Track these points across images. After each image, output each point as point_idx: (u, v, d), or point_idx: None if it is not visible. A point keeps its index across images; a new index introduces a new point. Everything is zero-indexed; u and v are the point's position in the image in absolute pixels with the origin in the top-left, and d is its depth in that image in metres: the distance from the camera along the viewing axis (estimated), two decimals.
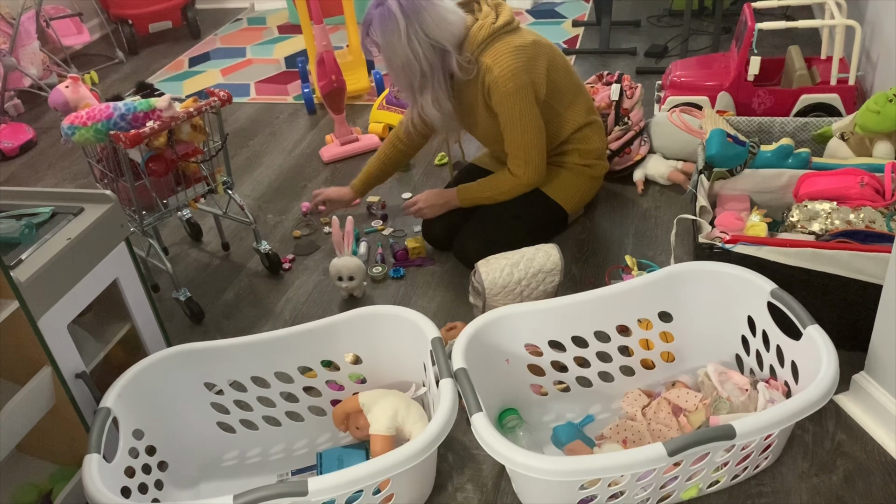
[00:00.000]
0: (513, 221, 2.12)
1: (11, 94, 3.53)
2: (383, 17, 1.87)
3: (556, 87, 2.06)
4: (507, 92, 1.94)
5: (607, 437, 1.56)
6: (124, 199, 1.93)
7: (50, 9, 3.84)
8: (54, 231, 1.49)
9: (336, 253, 2.08)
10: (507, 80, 1.93)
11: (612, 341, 1.65)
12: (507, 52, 1.94)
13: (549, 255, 1.88)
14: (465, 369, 1.43)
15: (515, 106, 1.96)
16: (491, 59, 1.94)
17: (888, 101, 1.90)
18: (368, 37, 1.95)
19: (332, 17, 3.27)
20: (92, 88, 2.02)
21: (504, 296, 1.87)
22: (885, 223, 1.68)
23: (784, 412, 1.29)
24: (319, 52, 2.71)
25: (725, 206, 1.92)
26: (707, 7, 3.79)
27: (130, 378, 1.51)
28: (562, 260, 1.89)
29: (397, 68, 1.96)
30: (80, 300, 1.51)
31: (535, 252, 1.90)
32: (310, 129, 3.12)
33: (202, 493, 1.58)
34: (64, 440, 1.49)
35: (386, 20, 1.87)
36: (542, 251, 1.90)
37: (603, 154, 2.24)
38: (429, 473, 1.51)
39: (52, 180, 2.95)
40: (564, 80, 2.09)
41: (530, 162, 2.04)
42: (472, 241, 2.11)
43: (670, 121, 2.16)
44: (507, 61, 1.93)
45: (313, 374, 1.66)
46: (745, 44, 2.46)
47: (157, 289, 2.22)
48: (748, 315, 1.59)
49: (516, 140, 2.02)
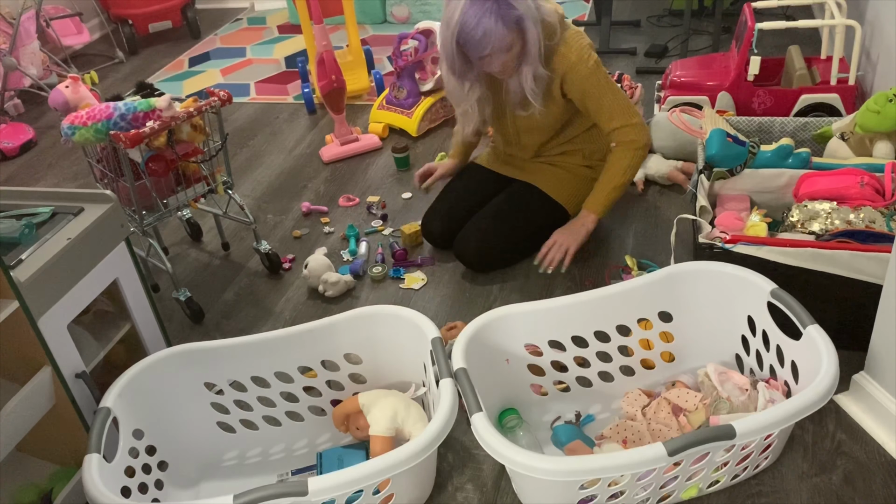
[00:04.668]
0: (513, 222, 2.12)
1: (11, 94, 3.53)
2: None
3: None
4: (591, 69, 1.93)
5: (607, 437, 1.56)
6: (124, 199, 1.93)
7: (50, 9, 3.84)
8: (54, 231, 1.49)
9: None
10: (588, 58, 1.92)
11: (612, 341, 1.65)
12: (578, 36, 1.94)
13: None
14: (465, 369, 1.43)
15: (602, 77, 1.95)
16: (565, 47, 1.92)
17: (888, 101, 1.90)
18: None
19: (332, 17, 3.26)
20: (92, 88, 2.02)
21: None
22: (885, 223, 1.68)
23: (784, 412, 1.29)
24: (319, 52, 2.71)
25: (725, 206, 1.92)
26: (707, 7, 3.79)
27: (130, 378, 1.51)
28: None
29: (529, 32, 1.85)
30: (80, 300, 1.51)
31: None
32: (310, 129, 3.12)
33: (202, 493, 1.58)
34: (64, 440, 1.49)
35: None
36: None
37: (607, 156, 2.19)
38: (429, 473, 1.51)
39: (52, 180, 2.95)
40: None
41: (637, 120, 2.00)
42: (473, 242, 2.11)
43: (670, 121, 2.15)
44: (579, 42, 1.93)
45: (313, 374, 1.66)
46: (745, 44, 2.46)
47: (157, 289, 2.22)
48: (748, 315, 1.59)
49: (616, 106, 1.97)
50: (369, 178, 2.70)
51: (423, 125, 2.93)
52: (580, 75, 1.93)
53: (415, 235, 2.28)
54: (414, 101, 2.91)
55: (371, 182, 2.68)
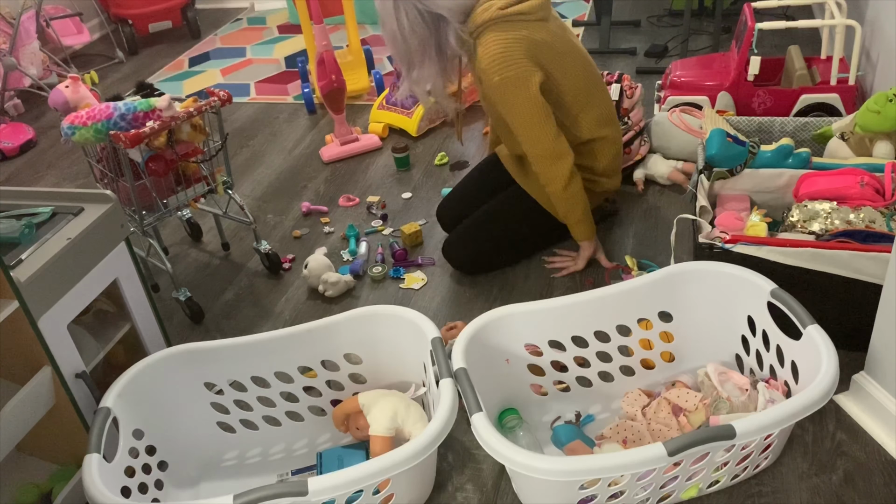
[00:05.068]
0: (500, 229, 2.09)
1: (11, 94, 3.53)
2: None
3: (559, 94, 1.93)
4: (496, 84, 1.84)
5: (607, 437, 1.56)
6: (124, 199, 1.93)
7: (50, 9, 3.84)
8: (54, 231, 1.49)
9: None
10: (493, 72, 1.82)
11: (612, 341, 1.65)
12: (498, 42, 1.81)
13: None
14: (465, 369, 1.43)
15: (511, 98, 1.85)
16: (482, 48, 1.83)
17: (888, 101, 1.90)
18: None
19: (332, 17, 3.26)
20: (92, 88, 2.02)
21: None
22: (885, 223, 1.68)
23: (784, 412, 1.29)
24: (319, 52, 2.71)
25: (725, 206, 1.92)
26: (707, 7, 3.79)
27: (130, 378, 1.51)
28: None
29: (387, 36, 1.84)
30: (80, 300, 1.51)
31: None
32: (310, 129, 3.12)
33: (202, 493, 1.58)
34: (64, 440, 1.49)
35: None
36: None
37: (611, 171, 2.10)
38: (429, 473, 1.51)
39: (52, 180, 2.95)
40: (570, 87, 1.94)
41: (539, 156, 1.91)
42: (457, 246, 2.11)
43: (670, 121, 2.16)
44: (494, 50, 1.81)
45: (313, 374, 1.66)
46: (745, 44, 2.46)
47: (157, 289, 2.22)
48: (748, 315, 1.59)
49: (522, 133, 1.90)
50: (369, 178, 2.70)
51: (423, 125, 2.93)
52: (489, 84, 1.86)
53: (415, 235, 2.28)
54: (414, 101, 2.91)
55: (371, 182, 2.68)
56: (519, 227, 2.11)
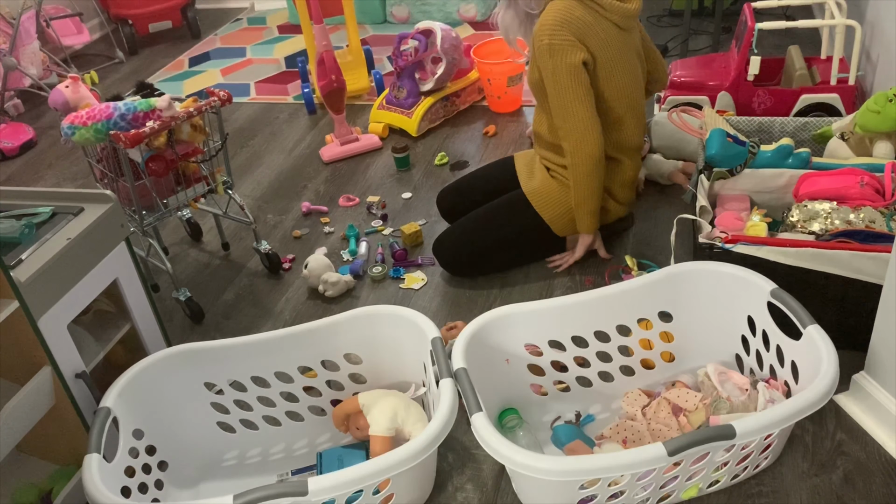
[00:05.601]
0: (491, 234, 2.08)
1: (11, 94, 3.53)
2: None
3: (596, 95, 1.91)
4: (541, 49, 1.86)
5: (607, 437, 1.56)
6: (124, 199, 1.93)
7: (50, 9, 3.84)
8: (54, 231, 1.49)
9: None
10: (544, 34, 1.84)
11: (612, 341, 1.65)
12: (561, 11, 1.84)
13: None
14: (465, 369, 1.43)
15: (550, 65, 1.85)
16: (545, 13, 1.88)
17: (888, 101, 1.90)
18: None
19: (332, 17, 3.26)
20: (92, 88, 2.02)
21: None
22: (885, 223, 1.68)
23: (784, 412, 1.30)
24: (319, 52, 2.71)
25: (725, 206, 1.92)
26: (707, 7, 3.79)
27: (130, 378, 1.51)
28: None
29: None
30: (80, 300, 1.51)
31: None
32: (310, 129, 3.12)
33: (202, 493, 1.58)
34: (64, 440, 1.49)
35: None
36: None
37: (619, 195, 2.09)
38: (429, 473, 1.51)
39: (52, 180, 2.95)
40: (608, 97, 1.93)
41: (570, 132, 1.89)
42: (446, 246, 2.11)
43: (670, 121, 2.15)
44: (553, 17, 1.84)
45: (313, 374, 1.66)
46: (745, 44, 2.46)
47: (157, 289, 2.22)
48: (748, 315, 1.59)
49: (556, 103, 1.88)
50: (369, 178, 2.70)
51: (423, 125, 2.93)
52: (538, 46, 1.88)
53: (415, 235, 2.29)
54: (414, 101, 2.91)
55: (371, 182, 2.68)
56: (504, 237, 2.09)
